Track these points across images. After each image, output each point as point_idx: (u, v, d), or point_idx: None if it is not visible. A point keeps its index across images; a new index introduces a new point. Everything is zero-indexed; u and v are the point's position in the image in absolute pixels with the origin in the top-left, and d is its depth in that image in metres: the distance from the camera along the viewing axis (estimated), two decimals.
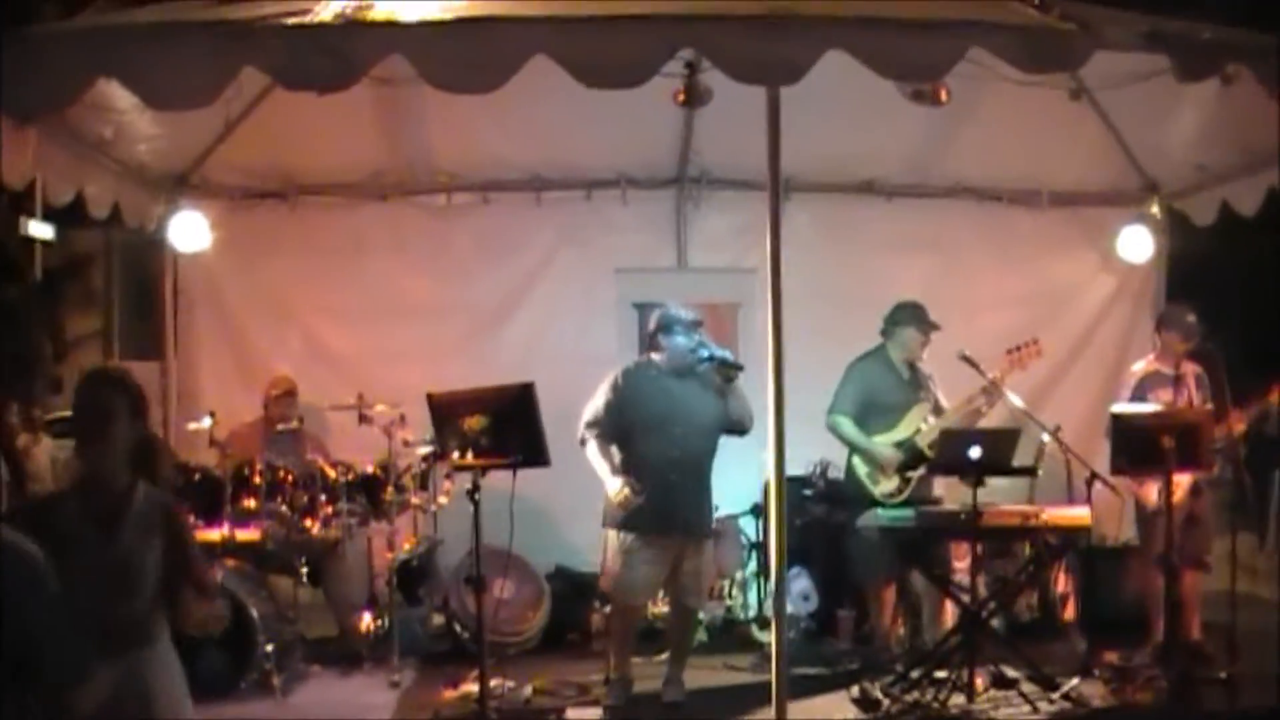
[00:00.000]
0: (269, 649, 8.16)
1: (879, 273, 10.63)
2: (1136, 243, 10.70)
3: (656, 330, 8.28)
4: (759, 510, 10.07)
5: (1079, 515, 8.20)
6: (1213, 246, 11.81)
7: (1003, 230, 11.02)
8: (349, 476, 9.09)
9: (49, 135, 7.43)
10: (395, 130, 9.77)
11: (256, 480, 8.83)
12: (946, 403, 8.84)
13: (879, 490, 8.73)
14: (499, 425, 6.68)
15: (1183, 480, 8.16)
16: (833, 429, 8.88)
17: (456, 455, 6.72)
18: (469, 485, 6.69)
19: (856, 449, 8.88)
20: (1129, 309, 11.07)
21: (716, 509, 8.71)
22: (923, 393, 8.89)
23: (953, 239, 10.95)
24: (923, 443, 8.65)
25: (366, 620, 9.30)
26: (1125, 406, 8.61)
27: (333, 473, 9.03)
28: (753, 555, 10.32)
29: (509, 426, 6.69)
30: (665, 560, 8.09)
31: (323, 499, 8.94)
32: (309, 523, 8.91)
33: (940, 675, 7.89)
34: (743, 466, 9.33)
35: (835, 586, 9.86)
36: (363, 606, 9.40)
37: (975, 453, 7.81)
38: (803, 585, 9.92)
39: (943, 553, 8.76)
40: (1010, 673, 7.97)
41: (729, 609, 10.27)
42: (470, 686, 8.04)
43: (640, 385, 8.19)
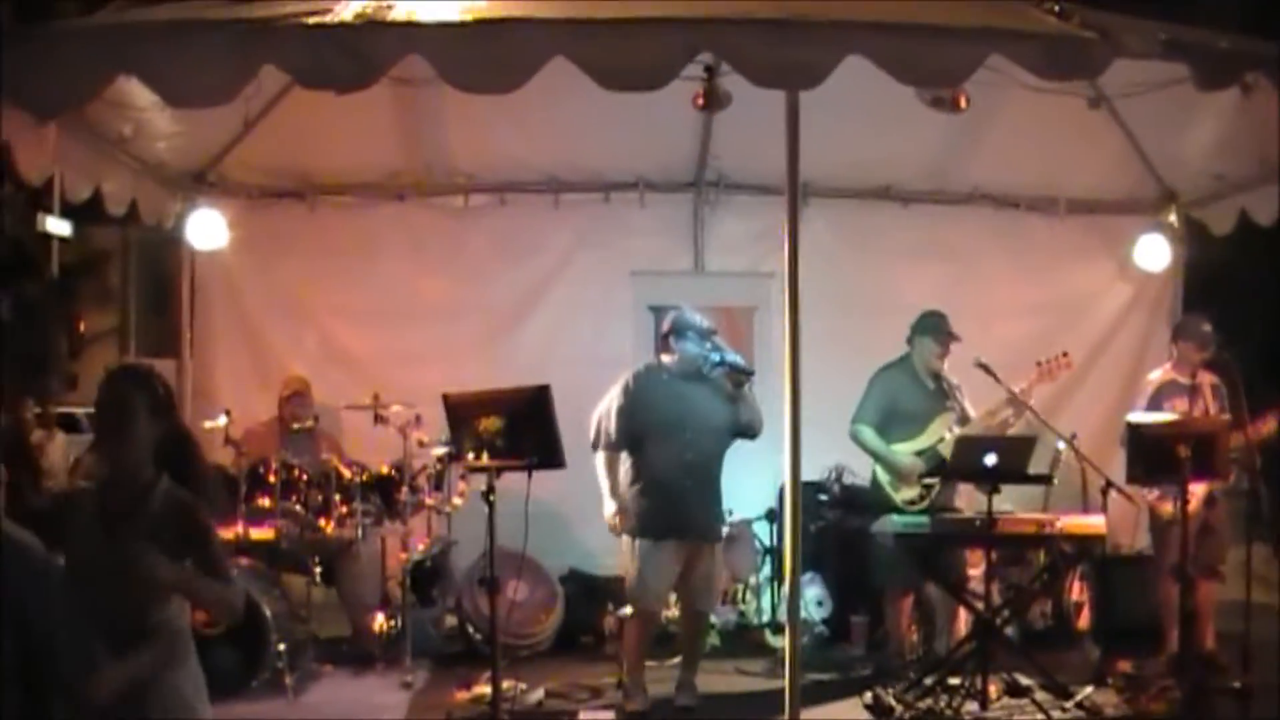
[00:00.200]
0: (281, 648, 8.18)
1: (895, 279, 10.64)
2: (1154, 251, 10.68)
3: (669, 333, 8.27)
4: (773, 515, 10.08)
5: (1094, 524, 8.20)
6: (1230, 256, 11.81)
7: (1020, 238, 11.00)
8: (363, 476, 9.10)
9: (68, 132, 7.43)
10: (413, 131, 9.77)
11: (271, 479, 8.84)
12: (974, 413, 8.80)
13: (900, 498, 8.70)
14: (514, 427, 6.66)
15: (1197, 490, 8.13)
16: (855, 438, 8.85)
17: (471, 456, 6.70)
18: (483, 487, 6.68)
19: (877, 458, 8.85)
20: (1146, 318, 11.05)
21: (730, 514, 8.70)
22: (948, 402, 8.83)
23: (969, 246, 10.93)
24: (946, 452, 8.62)
25: (379, 620, 9.28)
26: (1141, 415, 8.58)
27: (347, 472, 9.03)
28: (767, 560, 10.31)
29: (524, 428, 6.68)
30: (679, 563, 8.09)
31: (337, 499, 8.95)
32: (323, 522, 8.93)
33: (953, 682, 7.87)
34: (757, 471, 9.33)
35: (849, 592, 9.85)
36: (376, 607, 9.38)
37: (991, 460, 7.80)
38: (816, 591, 9.92)
39: (959, 560, 8.74)
40: (1024, 681, 7.96)
41: (742, 614, 10.28)
42: (482, 688, 8.03)
43: (652, 389, 8.19)
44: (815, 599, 9.88)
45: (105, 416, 4.30)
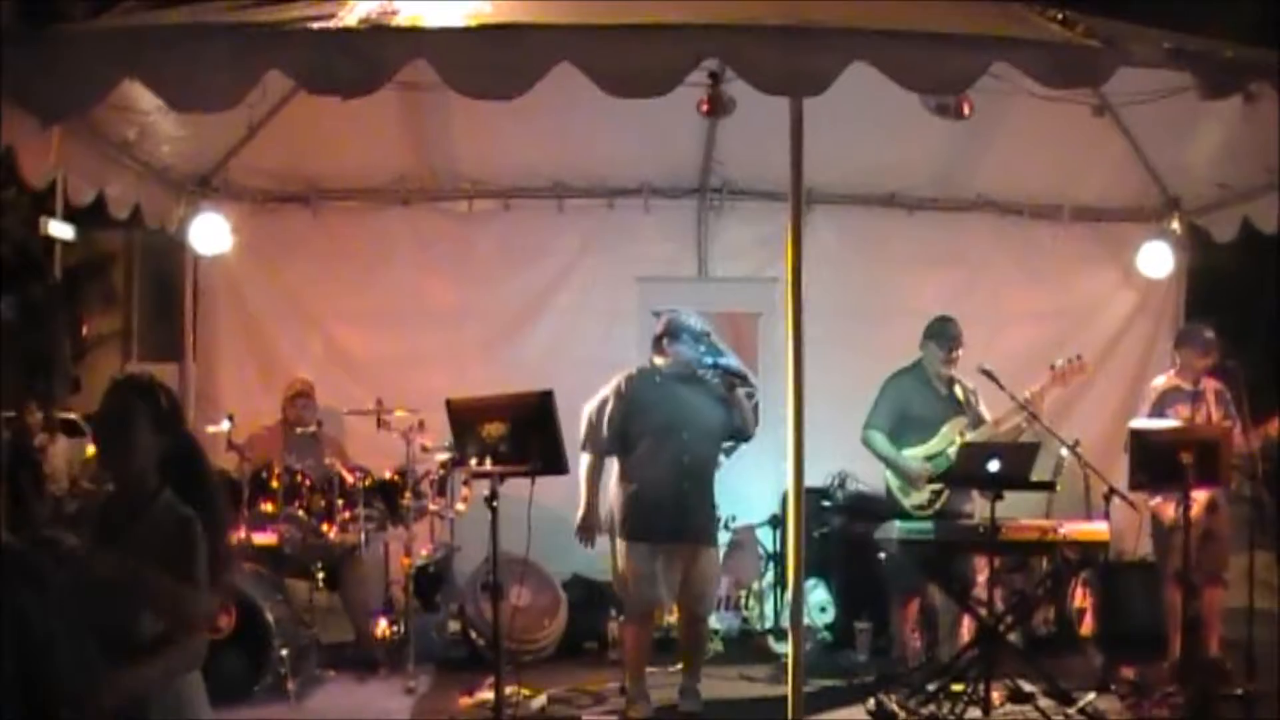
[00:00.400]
0: (284, 653, 8.16)
1: (900, 285, 10.66)
2: (1157, 258, 10.67)
3: (663, 335, 8.23)
4: (777, 521, 10.06)
5: (1097, 530, 8.19)
6: (1234, 263, 11.82)
7: (1024, 245, 11.01)
8: (367, 481, 9.09)
9: (72, 135, 7.41)
10: (418, 135, 9.79)
11: (274, 484, 8.85)
12: (990, 418, 8.79)
13: (909, 503, 8.70)
14: (518, 432, 6.66)
15: (1199, 496, 8.13)
16: (866, 443, 8.84)
17: (475, 462, 6.70)
18: (487, 492, 6.68)
19: (888, 463, 8.84)
20: (1149, 324, 11.06)
21: (734, 518, 8.70)
22: (961, 407, 8.83)
23: (974, 253, 10.95)
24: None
25: (383, 626, 9.28)
26: (1144, 422, 8.59)
27: (351, 477, 9.03)
28: (770, 566, 10.29)
29: (528, 434, 6.68)
30: (676, 567, 8.06)
31: (340, 503, 8.94)
32: (326, 527, 8.92)
33: (957, 688, 7.85)
34: (761, 477, 9.35)
35: (853, 598, 9.83)
36: (379, 612, 9.39)
37: (994, 466, 7.80)
38: (820, 597, 9.91)
39: (965, 567, 8.73)
40: (1027, 687, 7.92)
41: (746, 620, 10.28)
42: (486, 694, 8.06)
43: (646, 391, 8.16)
44: (819, 605, 9.87)
45: (106, 427, 4.28)
